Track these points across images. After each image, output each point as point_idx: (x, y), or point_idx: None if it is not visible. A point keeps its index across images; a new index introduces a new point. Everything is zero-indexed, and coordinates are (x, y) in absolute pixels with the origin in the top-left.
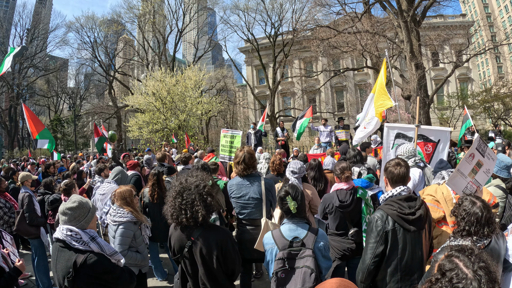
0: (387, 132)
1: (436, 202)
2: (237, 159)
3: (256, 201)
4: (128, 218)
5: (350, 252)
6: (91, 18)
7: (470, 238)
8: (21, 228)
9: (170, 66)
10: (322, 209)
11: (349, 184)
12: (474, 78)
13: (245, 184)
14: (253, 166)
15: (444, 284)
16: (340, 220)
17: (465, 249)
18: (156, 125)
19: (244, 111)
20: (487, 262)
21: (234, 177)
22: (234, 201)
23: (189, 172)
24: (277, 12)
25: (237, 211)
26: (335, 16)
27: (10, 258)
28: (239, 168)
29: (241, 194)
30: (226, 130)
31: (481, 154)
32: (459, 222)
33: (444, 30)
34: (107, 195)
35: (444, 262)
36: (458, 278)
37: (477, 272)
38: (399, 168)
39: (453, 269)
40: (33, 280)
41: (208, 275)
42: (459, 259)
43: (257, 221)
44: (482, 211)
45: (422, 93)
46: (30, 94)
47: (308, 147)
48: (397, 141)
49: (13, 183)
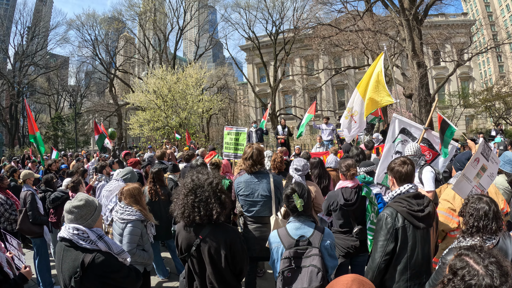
0: (395, 123)
1: (452, 211)
2: (245, 155)
3: (265, 198)
4: (137, 216)
5: (354, 249)
6: (92, 16)
7: (479, 236)
8: (24, 227)
9: (171, 64)
10: (327, 206)
11: (354, 182)
12: (476, 77)
13: (254, 181)
14: (261, 163)
15: (456, 283)
16: (345, 218)
17: (474, 247)
18: (157, 123)
19: (245, 109)
20: (497, 257)
21: (240, 174)
22: (242, 199)
23: (199, 169)
24: (278, 10)
25: (244, 209)
26: (337, 14)
27: (14, 263)
28: (246, 164)
29: (250, 192)
30: (230, 127)
31: (486, 158)
32: (467, 220)
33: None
34: (113, 192)
35: (454, 262)
36: (470, 275)
37: (488, 268)
38: (406, 167)
39: (464, 267)
40: (34, 279)
41: (216, 275)
42: (468, 256)
43: (265, 218)
44: (489, 205)
45: (424, 92)
46: (31, 92)
47: (309, 145)
48: (400, 136)
49: (14, 181)
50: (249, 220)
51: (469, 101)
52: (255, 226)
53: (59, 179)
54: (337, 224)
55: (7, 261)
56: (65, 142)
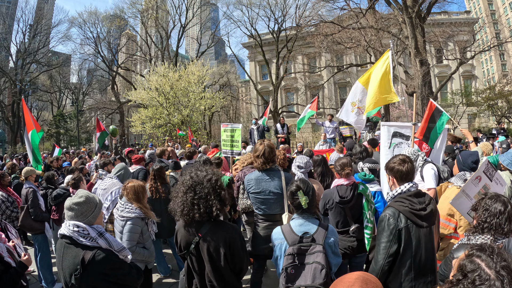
0: (384, 130)
1: (450, 217)
2: (256, 153)
3: (276, 196)
4: (137, 214)
5: (351, 250)
6: (94, 13)
7: (490, 234)
8: (25, 223)
9: (173, 61)
10: (323, 205)
11: (350, 180)
12: (478, 75)
13: (265, 178)
14: (273, 160)
15: (466, 286)
16: (341, 216)
17: (485, 248)
18: (159, 120)
19: (247, 107)
20: (508, 261)
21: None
22: (253, 197)
23: (197, 166)
24: (280, 8)
25: (255, 207)
26: (339, 11)
27: (16, 251)
28: (258, 162)
29: (261, 189)
30: (225, 124)
31: (489, 178)
32: (480, 214)
33: (448, 27)
34: (108, 190)
35: (465, 263)
36: (482, 279)
37: (499, 273)
38: (406, 165)
39: (475, 270)
40: (35, 276)
41: (215, 273)
42: (481, 259)
43: (276, 216)
44: (506, 205)
45: (427, 90)
46: (33, 89)
47: (311, 143)
48: (394, 140)
49: (17, 178)
50: (260, 218)
51: (471, 100)
52: (266, 224)
53: (61, 176)
54: (334, 223)
55: (8, 251)
56: (67, 139)
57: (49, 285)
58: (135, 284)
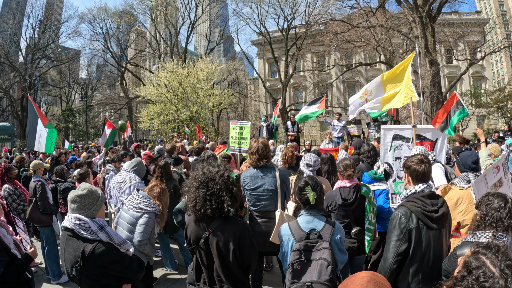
0: (383, 134)
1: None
2: (251, 150)
3: (271, 192)
4: (155, 209)
5: (351, 252)
6: (104, 9)
7: (491, 228)
8: (33, 216)
9: (182, 57)
10: (325, 206)
11: (352, 182)
12: (488, 76)
13: (260, 175)
14: (267, 157)
15: (470, 282)
16: (343, 218)
17: (491, 246)
18: (167, 116)
19: (255, 104)
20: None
21: (247, 168)
22: (248, 193)
23: (209, 162)
24: (290, 5)
25: (250, 204)
26: (349, 10)
27: (22, 245)
28: (252, 159)
29: (256, 186)
30: (234, 121)
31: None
32: (483, 209)
33: (459, 27)
34: (126, 184)
35: (470, 260)
36: (486, 276)
37: (504, 271)
38: (423, 166)
39: (480, 267)
40: (42, 268)
41: (224, 268)
42: (486, 256)
43: (271, 213)
44: (507, 200)
45: (436, 90)
46: (42, 84)
47: (319, 141)
48: (394, 142)
49: (26, 171)
50: (255, 215)
51: (481, 101)
52: (260, 221)
53: (70, 170)
54: None
55: (15, 243)
56: (75, 134)
57: (56, 277)
58: (135, 277)
